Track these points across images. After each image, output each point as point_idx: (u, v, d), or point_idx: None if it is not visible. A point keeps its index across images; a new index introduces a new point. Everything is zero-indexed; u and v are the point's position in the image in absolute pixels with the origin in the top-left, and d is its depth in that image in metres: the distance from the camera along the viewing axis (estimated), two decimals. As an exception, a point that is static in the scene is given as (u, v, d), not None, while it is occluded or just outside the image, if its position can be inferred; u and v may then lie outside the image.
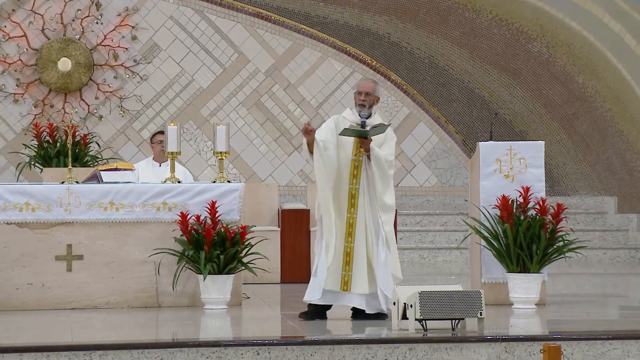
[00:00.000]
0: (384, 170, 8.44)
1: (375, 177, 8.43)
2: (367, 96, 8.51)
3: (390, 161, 8.48)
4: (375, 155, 8.40)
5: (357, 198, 8.44)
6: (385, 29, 14.81)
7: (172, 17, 14.50)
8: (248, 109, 14.62)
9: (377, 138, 8.46)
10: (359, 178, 8.45)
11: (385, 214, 8.43)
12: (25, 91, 14.17)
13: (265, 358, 7.35)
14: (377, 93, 8.59)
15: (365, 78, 8.63)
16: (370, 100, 8.52)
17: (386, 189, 8.45)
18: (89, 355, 7.18)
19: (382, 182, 8.43)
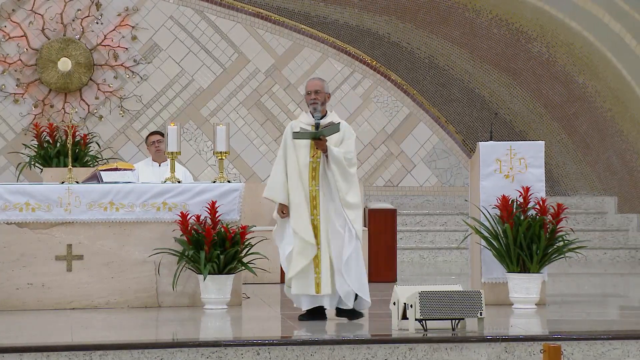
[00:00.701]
0: (344, 169, 8.38)
1: (336, 176, 8.37)
2: (317, 94, 8.44)
3: (350, 159, 8.41)
4: (334, 155, 8.35)
5: (318, 199, 8.39)
6: (385, 29, 14.81)
7: (172, 17, 14.50)
8: (248, 109, 14.62)
9: (334, 137, 8.39)
10: (318, 180, 8.39)
11: (352, 212, 8.37)
12: (25, 91, 14.17)
13: (266, 358, 7.35)
14: (327, 90, 8.52)
15: (312, 78, 8.57)
16: (321, 97, 8.45)
17: (349, 188, 8.39)
18: (89, 355, 7.18)
19: (344, 180, 8.38)
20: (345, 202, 8.37)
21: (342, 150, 8.39)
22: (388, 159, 14.81)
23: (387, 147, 14.81)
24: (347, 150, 8.40)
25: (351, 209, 8.38)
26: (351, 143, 8.44)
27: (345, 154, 8.38)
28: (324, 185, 8.41)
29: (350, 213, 8.37)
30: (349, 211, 8.37)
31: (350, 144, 8.43)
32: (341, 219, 8.37)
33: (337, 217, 8.38)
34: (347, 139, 8.44)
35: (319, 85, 8.48)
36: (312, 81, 8.56)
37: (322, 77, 8.68)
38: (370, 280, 11.75)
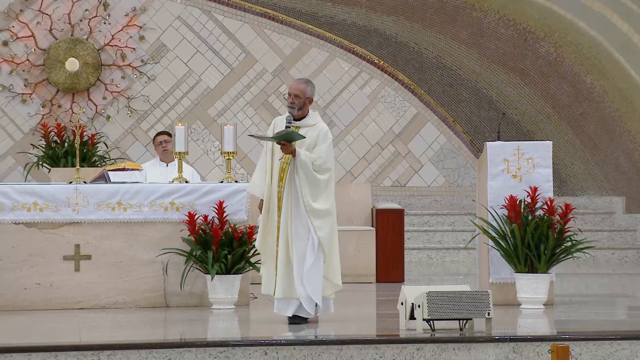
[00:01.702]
0: (311, 175, 8.22)
1: (302, 181, 8.23)
2: (296, 98, 8.31)
3: (320, 165, 8.23)
4: (301, 160, 8.20)
5: (282, 201, 8.29)
6: (393, 29, 14.80)
7: (179, 17, 14.51)
8: (255, 109, 14.62)
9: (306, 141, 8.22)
10: (284, 181, 8.28)
11: (317, 219, 8.22)
12: (33, 91, 14.19)
13: (274, 358, 7.35)
14: (308, 94, 8.34)
15: (298, 79, 8.44)
16: (299, 102, 8.30)
17: (317, 194, 8.23)
18: (97, 355, 7.18)
19: (311, 186, 8.23)
20: (310, 209, 8.21)
21: (313, 155, 8.24)
22: (395, 159, 14.80)
23: (394, 147, 14.81)
24: (318, 156, 8.24)
25: (316, 216, 8.23)
26: (324, 148, 8.26)
27: (315, 160, 8.23)
28: (291, 188, 8.27)
29: (315, 220, 8.22)
30: (313, 218, 8.22)
31: (321, 150, 8.26)
32: (306, 225, 8.23)
33: (302, 223, 8.24)
34: (320, 143, 8.28)
35: (299, 90, 8.31)
36: (294, 84, 8.40)
37: (309, 79, 8.51)
38: (377, 281, 11.86)
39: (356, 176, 14.72)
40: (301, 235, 8.24)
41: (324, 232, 8.24)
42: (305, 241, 8.24)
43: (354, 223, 12.27)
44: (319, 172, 8.25)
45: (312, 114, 8.42)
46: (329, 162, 8.29)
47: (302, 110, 8.34)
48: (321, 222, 8.25)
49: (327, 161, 8.28)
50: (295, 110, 8.31)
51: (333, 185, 8.39)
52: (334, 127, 14.72)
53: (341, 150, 14.72)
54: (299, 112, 8.33)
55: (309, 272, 8.22)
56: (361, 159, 14.75)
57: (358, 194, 12.48)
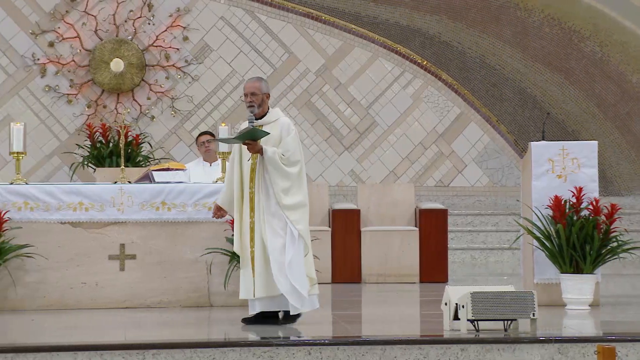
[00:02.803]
0: (281, 169, 8.14)
1: (273, 177, 8.16)
2: (253, 96, 8.25)
3: (288, 158, 8.16)
4: (268, 157, 8.14)
5: (254, 201, 8.23)
6: (436, 28, 14.75)
7: (223, 17, 14.56)
8: (298, 109, 14.63)
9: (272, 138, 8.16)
10: (254, 181, 8.22)
11: (293, 213, 8.16)
12: (78, 92, 14.30)
13: (317, 358, 7.34)
14: (264, 90, 8.27)
15: (250, 78, 8.37)
16: (257, 99, 8.24)
17: (289, 188, 8.17)
18: (142, 354, 7.22)
19: (283, 180, 8.16)
20: (283, 204, 8.15)
21: (280, 150, 8.17)
22: (439, 159, 14.75)
23: (437, 147, 14.76)
24: (285, 149, 8.16)
25: (292, 209, 8.17)
26: (289, 141, 8.19)
27: (283, 153, 8.16)
28: (262, 187, 8.21)
29: (291, 214, 8.16)
30: (288, 212, 8.15)
31: (287, 142, 8.18)
32: (282, 221, 8.16)
33: (276, 219, 8.18)
34: (285, 137, 8.20)
35: (255, 87, 8.26)
36: (248, 83, 8.34)
37: (260, 76, 8.44)
38: (421, 281, 11.82)
39: (399, 176, 14.69)
40: (277, 232, 8.17)
41: (302, 225, 8.18)
42: (282, 237, 8.16)
43: (397, 223, 12.25)
44: (289, 165, 8.19)
45: (273, 111, 8.36)
46: (297, 154, 8.21)
47: (262, 108, 8.29)
48: (297, 215, 8.18)
49: (295, 153, 8.21)
50: (256, 108, 8.25)
51: (305, 177, 8.32)
52: (377, 127, 14.70)
53: (384, 150, 14.70)
54: (259, 110, 8.27)
55: (290, 265, 8.14)
56: (404, 159, 14.72)
57: (401, 194, 12.45)
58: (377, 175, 14.66)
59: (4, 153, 13.91)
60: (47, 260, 9.45)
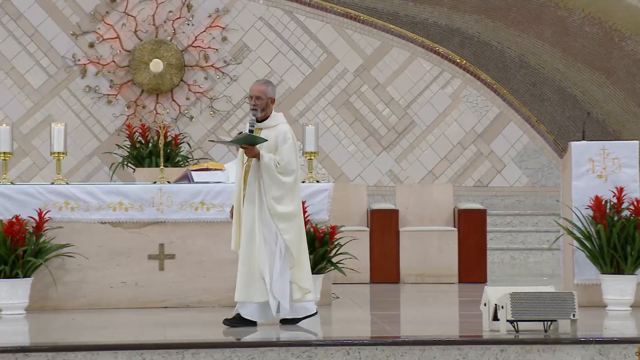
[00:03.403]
0: (275, 177, 8.10)
1: (266, 184, 8.12)
2: (258, 100, 8.22)
3: (284, 166, 8.11)
4: (264, 163, 8.11)
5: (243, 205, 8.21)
6: (475, 28, 14.70)
7: (261, 17, 14.59)
8: (337, 109, 14.63)
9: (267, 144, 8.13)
10: (246, 184, 8.21)
11: (282, 222, 8.12)
12: (118, 92, 14.38)
13: (356, 358, 7.34)
14: (270, 94, 8.24)
15: (257, 81, 8.32)
16: (261, 103, 8.21)
17: (282, 197, 8.12)
18: (181, 354, 7.25)
19: (276, 189, 8.11)
20: (274, 212, 8.11)
21: (278, 157, 8.14)
22: (478, 159, 14.69)
23: (476, 147, 14.70)
24: (281, 158, 8.13)
25: (282, 219, 8.13)
26: (285, 150, 8.15)
27: (279, 162, 8.12)
28: (252, 191, 8.18)
29: (281, 223, 8.12)
30: (279, 221, 8.12)
31: (283, 151, 8.14)
32: (272, 228, 8.15)
33: (266, 226, 8.16)
34: (281, 145, 8.16)
35: (260, 91, 8.23)
36: (254, 85, 8.31)
37: (268, 80, 8.40)
38: (459, 281, 11.79)
39: (438, 176, 14.65)
40: (268, 240, 8.16)
41: (290, 235, 8.13)
42: (272, 246, 8.15)
43: (435, 223, 12.21)
44: (283, 174, 8.14)
45: (275, 115, 8.31)
46: (292, 163, 8.16)
47: (265, 112, 8.26)
48: (286, 225, 8.14)
49: (291, 162, 8.15)
50: (258, 112, 8.24)
51: (299, 187, 8.26)
52: (415, 127, 14.67)
53: (423, 150, 14.67)
54: (262, 114, 8.25)
55: (277, 279, 8.14)
56: (443, 159, 14.68)
57: (440, 194, 12.42)
58: (415, 175, 14.62)
59: (45, 153, 14.02)
60: (87, 259, 9.51)
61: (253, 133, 8.17)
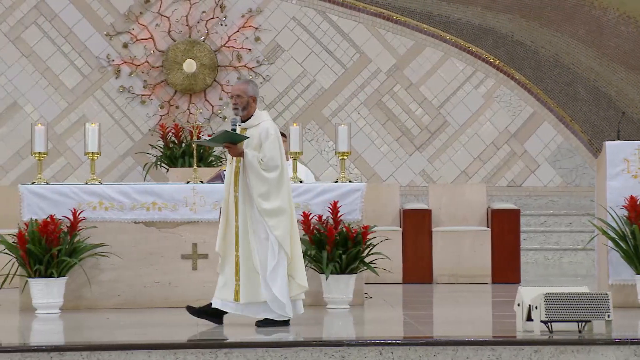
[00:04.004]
0: (259, 174, 8.13)
1: (252, 182, 8.15)
2: (238, 98, 8.26)
3: (267, 162, 8.15)
4: (248, 160, 8.14)
5: (238, 206, 8.23)
6: (509, 27, 14.64)
7: (294, 18, 14.60)
8: (369, 109, 14.62)
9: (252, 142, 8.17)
10: (237, 185, 8.23)
11: (271, 218, 8.14)
12: (151, 92, 14.44)
13: (389, 358, 7.33)
14: (250, 93, 8.28)
15: (237, 80, 8.35)
16: (242, 102, 8.25)
17: (268, 193, 8.15)
18: (214, 353, 7.27)
19: (261, 185, 8.15)
20: (262, 209, 8.15)
21: (260, 154, 8.17)
22: (511, 159, 14.63)
23: (510, 146, 14.64)
24: (264, 154, 8.16)
25: (270, 215, 8.15)
26: (267, 146, 8.18)
27: (262, 158, 8.16)
28: (244, 191, 8.22)
29: (269, 219, 8.14)
30: (267, 218, 8.14)
31: (266, 147, 8.17)
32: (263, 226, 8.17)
33: (258, 225, 8.19)
34: (264, 141, 8.19)
35: (240, 90, 8.27)
36: (235, 85, 8.39)
37: (250, 79, 8.47)
38: (493, 281, 11.74)
39: (471, 176, 14.60)
40: (261, 238, 8.19)
41: (280, 231, 8.16)
42: (265, 244, 8.18)
43: (468, 223, 12.17)
44: (267, 170, 8.17)
45: (258, 114, 8.35)
46: (276, 159, 8.19)
47: (248, 111, 8.29)
48: (275, 220, 8.16)
49: (274, 158, 8.18)
50: (240, 110, 8.28)
51: (285, 182, 8.27)
52: (449, 127, 14.63)
53: (455, 150, 14.62)
54: (244, 113, 8.28)
55: (271, 274, 8.16)
56: (476, 159, 14.63)
57: (473, 194, 12.38)
58: (448, 175, 14.58)
59: (80, 153, 14.10)
60: (121, 259, 9.55)
61: (235, 131, 8.21)
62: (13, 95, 14.26)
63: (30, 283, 9.20)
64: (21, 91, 14.28)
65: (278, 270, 8.18)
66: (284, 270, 8.20)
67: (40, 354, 7.15)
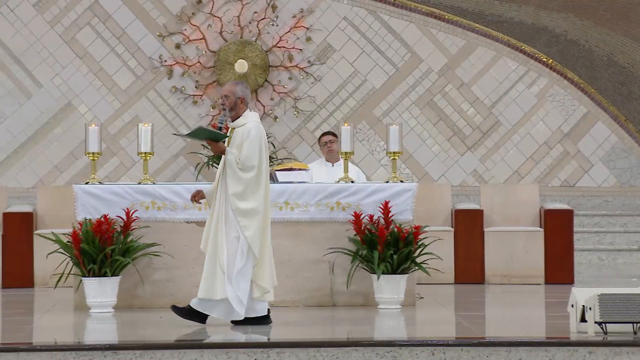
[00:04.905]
0: (236, 173, 8.22)
1: (228, 180, 8.24)
2: (226, 98, 8.37)
3: (243, 162, 8.22)
4: (227, 159, 8.26)
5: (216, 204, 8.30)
6: (562, 26, 14.52)
7: (345, 17, 14.59)
8: (421, 109, 14.58)
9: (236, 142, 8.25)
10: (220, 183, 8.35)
11: (243, 218, 8.21)
12: (203, 93, 14.51)
13: (441, 359, 7.30)
14: (239, 94, 8.37)
15: (229, 81, 8.45)
16: (230, 102, 8.36)
17: (244, 193, 8.21)
18: (266, 352, 7.28)
19: (236, 184, 8.22)
20: (235, 208, 8.21)
21: (240, 154, 8.24)
22: (564, 159, 14.52)
23: (563, 146, 14.53)
24: (242, 154, 8.24)
25: (243, 215, 8.21)
26: (247, 146, 8.25)
27: (239, 157, 8.23)
28: (221, 189, 8.31)
29: (242, 219, 8.21)
30: (240, 217, 8.22)
31: (245, 147, 8.26)
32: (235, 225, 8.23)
33: (231, 224, 8.25)
34: (245, 140, 8.27)
35: (228, 90, 8.38)
36: (225, 86, 8.49)
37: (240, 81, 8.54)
38: (546, 282, 11.66)
39: (523, 176, 14.51)
40: (231, 237, 8.23)
41: (250, 232, 8.20)
42: (235, 243, 8.22)
43: (521, 223, 12.10)
44: (244, 170, 8.24)
45: (247, 114, 8.42)
46: (252, 159, 8.25)
47: (236, 111, 8.39)
48: (247, 221, 8.22)
49: (251, 158, 8.25)
50: (227, 111, 8.38)
51: (263, 184, 8.31)
52: (501, 127, 14.54)
53: (508, 150, 14.54)
54: (232, 113, 8.38)
55: (238, 275, 8.20)
56: (528, 159, 14.53)
57: (525, 194, 12.31)
58: (500, 175, 14.50)
59: (132, 153, 14.21)
60: (174, 259, 9.61)
61: (221, 130, 8.31)
62: (67, 96, 14.40)
63: (84, 282, 9.29)
64: (75, 92, 14.41)
65: (245, 272, 8.25)
66: (249, 273, 8.25)
67: (94, 352, 7.21)
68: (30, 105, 14.35)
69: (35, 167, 14.28)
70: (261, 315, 8.39)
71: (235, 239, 8.25)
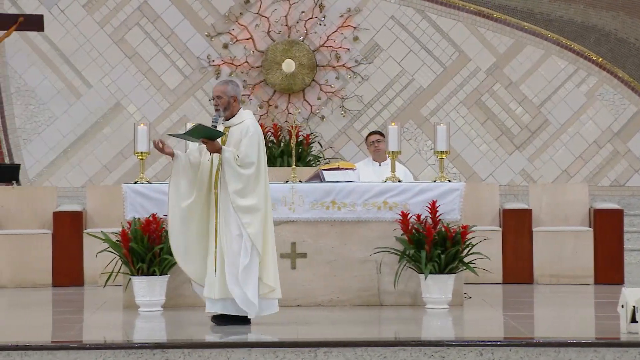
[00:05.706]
0: (235, 170, 8.18)
1: (228, 178, 8.19)
2: (218, 99, 8.36)
3: (242, 159, 8.20)
4: (225, 157, 8.21)
5: (218, 203, 8.26)
6: (612, 24, 14.39)
7: (393, 17, 14.57)
8: (468, 108, 14.52)
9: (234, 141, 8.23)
10: (218, 182, 8.28)
11: (245, 215, 8.17)
12: (251, 92, 14.56)
13: (489, 359, 7.27)
14: (231, 93, 8.37)
15: (219, 81, 8.40)
16: (222, 102, 8.35)
17: (244, 190, 8.18)
18: (314, 352, 7.29)
19: (236, 182, 8.17)
20: (237, 206, 8.18)
21: (238, 151, 8.22)
22: (614, 158, 14.39)
23: (613, 145, 14.40)
24: (240, 151, 8.22)
25: (244, 212, 8.18)
26: (245, 143, 8.24)
27: (238, 154, 8.20)
28: (224, 189, 8.26)
29: (244, 216, 8.18)
30: (241, 214, 8.18)
31: (244, 144, 8.24)
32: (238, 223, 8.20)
33: (234, 222, 8.21)
34: (244, 137, 8.26)
35: (220, 91, 8.38)
36: (215, 86, 8.48)
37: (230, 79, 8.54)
38: (595, 282, 11.56)
39: (572, 175, 14.40)
40: (234, 235, 8.20)
41: (253, 229, 8.17)
42: (239, 241, 8.19)
43: (570, 223, 12.01)
44: (243, 167, 8.22)
45: (241, 113, 8.42)
46: (252, 156, 8.23)
47: (230, 111, 8.39)
48: (249, 217, 8.19)
49: (250, 155, 8.23)
50: (221, 111, 8.37)
51: (263, 181, 8.29)
52: (549, 126, 14.45)
53: (556, 149, 14.44)
54: (226, 113, 8.37)
55: (243, 273, 8.17)
56: (577, 158, 14.42)
57: (574, 194, 12.21)
58: (549, 174, 14.40)
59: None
60: (221, 257, 9.63)
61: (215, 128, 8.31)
62: (116, 95, 14.51)
63: (133, 281, 9.35)
64: (124, 92, 14.53)
65: (250, 270, 8.23)
66: (255, 270, 8.23)
67: (143, 351, 7.26)
68: (80, 105, 14.48)
69: (85, 166, 14.41)
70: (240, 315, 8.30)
71: (238, 236, 8.25)
